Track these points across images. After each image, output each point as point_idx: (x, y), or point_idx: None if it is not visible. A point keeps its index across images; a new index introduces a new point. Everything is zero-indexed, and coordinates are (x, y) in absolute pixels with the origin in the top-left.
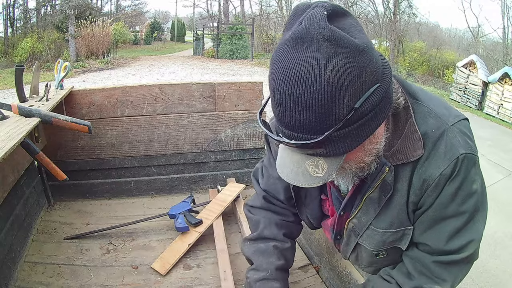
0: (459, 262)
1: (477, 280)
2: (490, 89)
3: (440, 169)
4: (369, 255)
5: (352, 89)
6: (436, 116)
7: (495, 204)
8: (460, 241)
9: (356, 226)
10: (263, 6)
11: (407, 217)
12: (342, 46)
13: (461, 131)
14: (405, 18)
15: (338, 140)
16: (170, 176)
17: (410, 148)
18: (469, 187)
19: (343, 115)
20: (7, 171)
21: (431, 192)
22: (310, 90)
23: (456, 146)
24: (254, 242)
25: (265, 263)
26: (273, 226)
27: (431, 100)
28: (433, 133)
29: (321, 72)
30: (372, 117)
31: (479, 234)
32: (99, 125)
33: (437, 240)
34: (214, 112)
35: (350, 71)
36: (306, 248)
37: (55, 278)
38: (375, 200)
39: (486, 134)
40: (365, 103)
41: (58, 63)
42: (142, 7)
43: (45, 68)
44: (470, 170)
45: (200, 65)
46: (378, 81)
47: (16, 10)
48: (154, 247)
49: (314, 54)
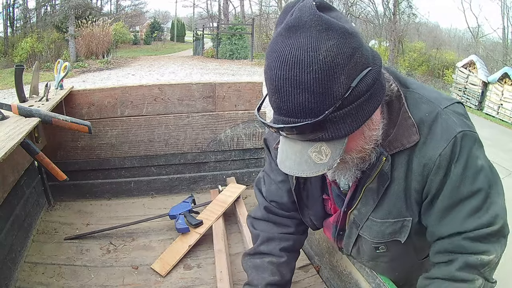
0: (494, 235)
1: None
2: (490, 89)
3: (439, 150)
4: (370, 249)
5: (347, 68)
6: (428, 101)
7: None
8: (482, 218)
9: (356, 217)
10: (263, 6)
11: (405, 207)
12: (333, 30)
13: (456, 112)
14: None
15: (338, 121)
16: (170, 176)
17: (405, 135)
18: (475, 163)
19: (341, 93)
20: (7, 171)
21: (434, 176)
22: (307, 71)
23: (452, 126)
24: (251, 257)
25: (257, 278)
26: (270, 241)
27: (422, 88)
28: (427, 117)
29: (316, 53)
30: (368, 99)
31: (500, 207)
32: (99, 125)
33: (458, 224)
34: (214, 112)
35: (343, 51)
36: (306, 248)
37: (56, 278)
38: (374, 191)
39: (486, 134)
40: (360, 83)
41: (58, 63)
42: (142, 7)
43: (45, 68)
44: (471, 147)
45: (200, 65)
46: (369, 65)
47: (16, 10)
48: (154, 247)
49: (307, 39)
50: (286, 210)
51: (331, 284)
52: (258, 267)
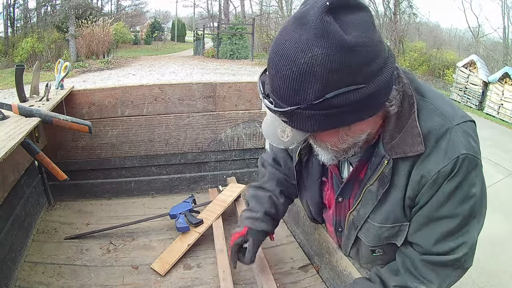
0: (448, 265)
1: (477, 280)
2: (491, 89)
3: (439, 166)
4: (367, 251)
5: (325, 79)
6: (441, 114)
7: (495, 204)
8: (450, 244)
9: (355, 218)
10: (263, 6)
11: (403, 213)
12: (327, 39)
13: (466, 132)
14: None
15: (302, 118)
16: (171, 176)
17: (409, 143)
18: (467, 189)
19: (311, 99)
20: (7, 171)
21: (428, 189)
22: (287, 67)
23: (458, 146)
24: (255, 189)
25: (258, 206)
26: (274, 181)
27: (437, 99)
28: (437, 131)
29: (301, 54)
30: (346, 112)
31: (471, 239)
32: (100, 125)
33: (428, 240)
34: (215, 112)
35: (327, 63)
36: (306, 248)
37: (56, 278)
38: (374, 193)
39: (486, 134)
40: (339, 97)
41: (58, 63)
42: (143, 7)
43: (46, 68)
44: (470, 172)
45: (201, 65)
46: (365, 82)
47: (17, 10)
48: (155, 247)
49: (302, 37)
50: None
51: (331, 284)
52: (260, 198)
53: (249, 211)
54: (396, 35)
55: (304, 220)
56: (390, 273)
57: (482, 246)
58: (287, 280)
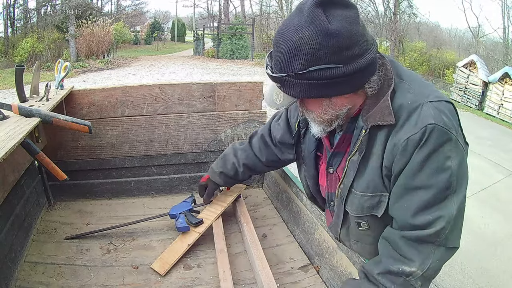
0: (428, 241)
1: (477, 280)
2: (491, 89)
3: (408, 134)
4: (354, 226)
5: (310, 55)
6: (414, 92)
7: (495, 204)
8: (427, 216)
9: (342, 191)
10: (263, 6)
11: (382, 182)
12: (314, 25)
13: (438, 108)
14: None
15: (291, 85)
16: (171, 176)
17: (379, 113)
18: (441, 161)
19: (297, 69)
20: (7, 171)
21: (400, 156)
22: (284, 43)
23: (428, 117)
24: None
25: (220, 165)
26: (244, 153)
27: (415, 81)
28: (409, 105)
29: (294, 34)
30: (325, 85)
31: (448, 213)
32: (100, 125)
33: (405, 212)
34: (215, 112)
35: (312, 43)
36: (306, 248)
37: (55, 278)
38: (354, 162)
39: (486, 134)
40: (320, 71)
41: (58, 63)
42: (143, 7)
43: (45, 68)
44: (442, 144)
45: (201, 65)
46: (343, 63)
47: (17, 10)
48: (155, 247)
49: (298, 21)
50: (273, 144)
51: (331, 284)
52: (227, 160)
53: (215, 164)
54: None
55: (304, 220)
56: (372, 263)
57: (482, 246)
58: (287, 280)
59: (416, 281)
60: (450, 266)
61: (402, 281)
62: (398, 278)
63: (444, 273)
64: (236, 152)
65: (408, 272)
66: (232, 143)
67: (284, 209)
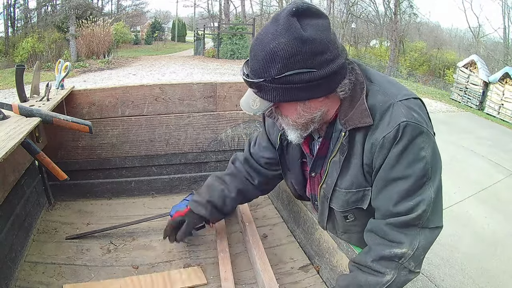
0: (412, 224)
1: (478, 280)
2: (491, 89)
3: (383, 133)
4: (341, 219)
5: (285, 61)
6: (384, 94)
7: (495, 204)
8: (408, 203)
9: (325, 190)
10: (263, 6)
11: (364, 179)
12: (289, 32)
13: (407, 106)
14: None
15: (267, 90)
16: (171, 176)
17: (358, 116)
18: (416, 152)
19: (274, 74)
20: (7, 171)
21: (378, 154)
22: (262, 50)
23: (399, 116)
24: (214, 178)
25: (205, 193)
26: (234, 178)
27: (384, 82)
28: (380, 106)
29: (271, 41)
30: (300, 88)
31: (427, 197)
32: (100, 125)
33: (387, 202)
34: (215, 112)
35: (287, 49)
36: (306, 248)
37: (56, 278)
38: (337, 162)
39: (487, 134)
40: (296, 75)
41: (58, 63)
42: (143, 7)
43: (46, 68)
44: (415, 137)
45: (201, 65)
46: (316, 68)
47: (17, 10)
48: (155, 247)
49: (274, 30)
50: (260, 166)
51: (331, 284)
52: (212, 187)
53: (197, 194)
54: (396, 35)
55: (304, 220)
56: (363, 254)
57: (482, 246)
58: (287, 280)
59: (409, 263)
60: (450, 266)
61: (396, 265)
62: (391, 262)
63: (444, 273)
64: (223, 178)
65: (400, 254)
66: (212, 174)
67: (284, 209)
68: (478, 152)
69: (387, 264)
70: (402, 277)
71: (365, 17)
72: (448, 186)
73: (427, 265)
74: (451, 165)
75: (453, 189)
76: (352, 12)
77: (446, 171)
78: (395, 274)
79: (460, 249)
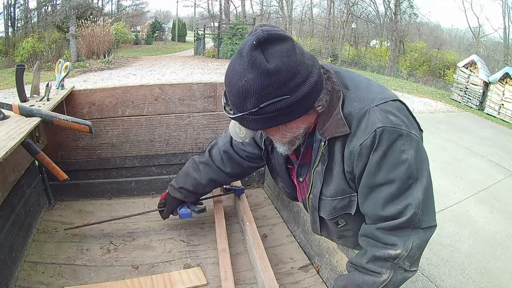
0: (403, 227)
1: (478, 280)
2: (491, 89)
3: (360, 140)
4: (333, 226)
5: (257, 95)
6: (360, 100)
7: (495, 204)
8: (396, 207)
9: (313, 200)
10: (264, 6)
11: (348, 186)
12: (255, 68)
13: (384, 110)
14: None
15: (248, 121)
16: (171, 176)
17: (335, 126)
18: (396, 156)
19: (250, 108)
20: (7, 170)
21: (357, 161)
22: (233, 87)
23: (375, 122)
24: (192, 164)
25: (181, 180)
26: (207, 167)
27: (360, 88)
28: (356, 113)
29: (240, 79)
30: (278, 115)
31: (415, 199)
32: (100, 125)
33: (374, 208)
34: (215, 112)
35: (256, 85)
36: (306, 248)
37: (56, 277)
38: (320, 172)
39: (487, 134)
40: (271, 105)
41: (59, 63)
42: (143, 7)
43: (46, 68)
44: (394, 141)
45: (201, 65)
46: (289, 94)
47: (17, 10)
48: (155, 247)
49: (240, 66)
50: (240, 157)
51: (331, 284)
52: (187, 175)
53: (174, 180)
54: (396, 35)
55: (304, 220)
56: (359, 256)
57: (482, 246)
58: (287, 280)
59: (403, 262)
60: (450, 266)
61: (391, 265)
62: (386, 262)
63: (444, 273)
64: (198, 166)
65: (394, 255)
66: (192, 157)
67: (284, 209)
68: (478, 152)
69: (382, 264)
70: (398, 275)
71: (365, 17)
72: (448, 186)
73: (427, 265)
74: (451, 165)
75: (453, 189)
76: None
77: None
78: (391, 273)
79: (460, 249)
